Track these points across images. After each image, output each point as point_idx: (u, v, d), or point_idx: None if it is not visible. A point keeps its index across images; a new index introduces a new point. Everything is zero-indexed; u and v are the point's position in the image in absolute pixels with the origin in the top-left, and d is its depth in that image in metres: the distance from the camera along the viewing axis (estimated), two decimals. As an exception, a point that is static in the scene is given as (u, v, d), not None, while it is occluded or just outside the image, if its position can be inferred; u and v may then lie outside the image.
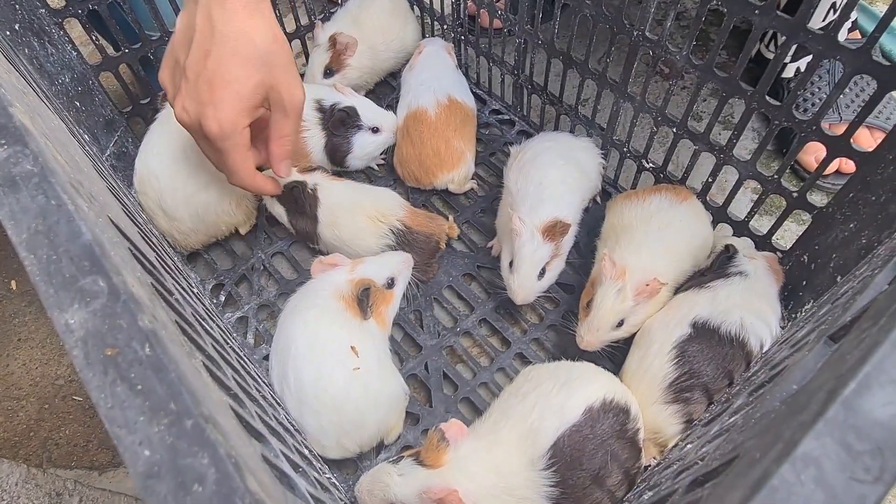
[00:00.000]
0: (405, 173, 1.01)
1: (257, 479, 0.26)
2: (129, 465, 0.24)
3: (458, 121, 1.00)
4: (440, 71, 1.05)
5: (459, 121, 1.00)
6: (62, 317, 0.28)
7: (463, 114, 1.01)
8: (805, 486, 0.23)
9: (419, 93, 1.01)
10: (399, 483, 0.59)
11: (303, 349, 0.68)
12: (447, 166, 0.98)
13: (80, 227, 0.31)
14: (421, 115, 0.99)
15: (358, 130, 1.00)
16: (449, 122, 0.99)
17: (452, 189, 1.00)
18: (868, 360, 0.25)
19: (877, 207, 0.65)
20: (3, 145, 0.34)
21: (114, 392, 0.26)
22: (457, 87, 1.04)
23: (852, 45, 0.61)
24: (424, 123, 0.98)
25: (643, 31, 0.79)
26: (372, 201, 0.89)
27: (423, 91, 1.01)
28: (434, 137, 0.97)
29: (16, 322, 0.98)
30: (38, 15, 0.83)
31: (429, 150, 0.97)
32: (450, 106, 1.00)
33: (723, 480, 0.29)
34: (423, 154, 0.98)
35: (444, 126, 0.98)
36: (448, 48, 1.10)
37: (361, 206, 0.88)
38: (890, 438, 0.24)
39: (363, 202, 0.89)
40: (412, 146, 0.99)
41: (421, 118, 0.98)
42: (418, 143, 0.98)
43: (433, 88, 1.01)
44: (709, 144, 0.81)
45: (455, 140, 0.98)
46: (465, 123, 1.01)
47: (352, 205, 0.89)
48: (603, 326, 0.74)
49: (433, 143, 0.97)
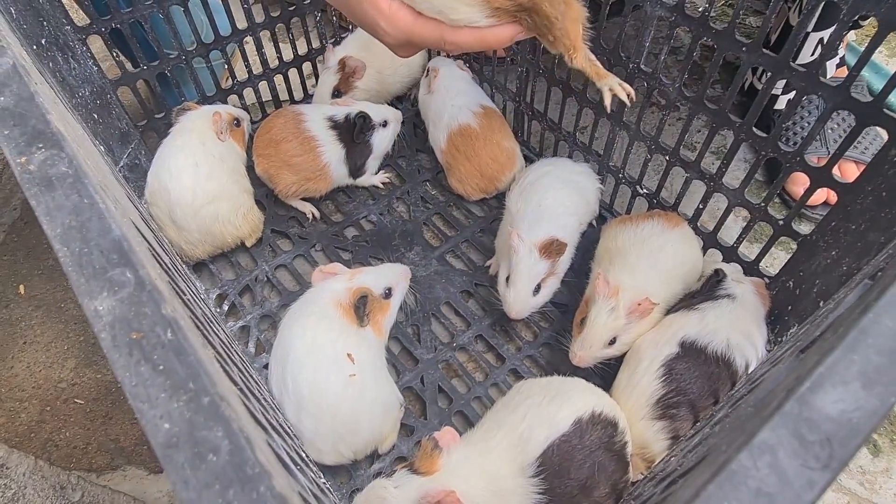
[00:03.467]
0: (469, 189, 1.06)
1: (265, 455, 0.29)
2: (151, 437, 0.27)
3: (498, 123, 1.06)
4: (463, 86, 1.10)
5: (498, 123, 1.06)
6: (92, 304, 0.31)
7: (497, 116, 1.08)
8: (760, 471, 0.25)
9: (455, 112, 1.06)
10: (396, 495, 0.60)
11: (301, 354, 0.71)
12: (508, 167, 1.05)
13: (111, 223, 0.34)
14: (466, 130, 1.04)
15: (373, 131, 1.05)
16: (492, 127, 1.05)
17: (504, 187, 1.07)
18: (822, 363, 0.28)
19: (857, 236, 0.68)
20: (41, 148, 0.37)
21: (138, 371, 0.29)
22: (480, 94, 1.10)
23: (833, 83, 0.65)
24: (473, 137, 1.03)
25: (638, 63, 0.83)
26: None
27: (459, 109, 1.06)
28: (487, 146, 1.03)
29: (22, 325, 1.00)
30: (63, 31, 0.87)
31: (487, 160, 1.03)
32: (485, 113, 1.05)
33: (693, 473, 0.31)
34: (483, 164, 1.03)
35: (491, 133, 1.04)
36: (459, 64, 1.14)
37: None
38: (839, 431, 0.26)
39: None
40: (469, 161, 1.04)
41: (467, 133, 1.04)
42: (474, 157, 1.03)
43: (466, 104, 1.06)
44: (700, 172, 0.85)
45: (504, 141, 1.05)
46: (502, 123, 1.07)
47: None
48: (596, 343, 0.77)
49: (488, 152, 1.03)
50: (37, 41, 0.82)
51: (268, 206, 1.07)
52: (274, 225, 1.05)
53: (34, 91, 0.41)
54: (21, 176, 0.36)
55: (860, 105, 0.64)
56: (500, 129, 1.06)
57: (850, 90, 0.64)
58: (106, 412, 0.90)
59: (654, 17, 0.77)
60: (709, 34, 0.73)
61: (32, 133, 0.38)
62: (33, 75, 0.49)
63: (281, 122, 1.01)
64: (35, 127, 0.39)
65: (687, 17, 0.75)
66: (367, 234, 1.04)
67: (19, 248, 1.10)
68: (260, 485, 0.25)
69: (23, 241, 1.11)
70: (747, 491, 0.25)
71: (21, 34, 0.75)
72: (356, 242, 1.03)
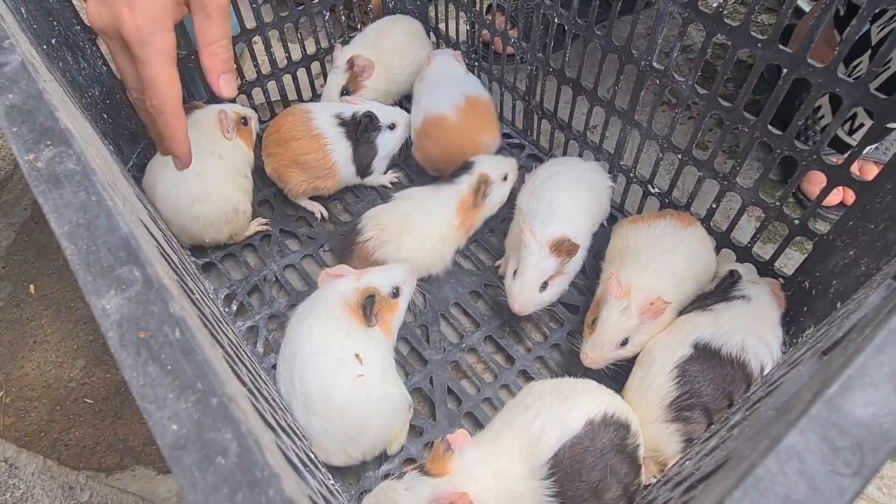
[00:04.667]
0: (428, 165, 1.06)
1: (274, 457, 0.28)
2: (158, 438, 0.26)
3: (479, 116, 1.04)
4: (452, 75, 1.09)
5: (481, 115, 1.05)
6: (99, 302, 0.30)
7: (483, 107, 1.06)
8: (788, 477, 0.24)
9: (436, 98, 1.05)
10: (407, 496, 0.59)
11: (308, 354, 0.70)
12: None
13: (119, 221, 0.33)
14: (440, 120, 1.03)
15: (379, 132, 1.04)
16: (472, 120, 1.03)
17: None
18: (851, 364, 0.27)
19: (875, 235, 0.66)
20: (49, 146, 0.37)
21: (145, 371, 0.28)
22: (469, 85, 1.08)
23: (850, 78, 0.64)
24: (446, 129, 1.02)
25: (650, 60, 0.82)
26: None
27: (440, 97, 1.04)
28: (460, 139, 1.02)
29: (32, 325, 1.00)
30: (73, 31, 0.87)
31: (455, 151, 1.02)
32: (467, 106, 1.03)
33: (714, 478, 0.31)
34: (452, 154, 1.02)
35: (469, 127, 1.03)
36: (457, 56, 1.13)
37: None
38: (870, 436, 0.25)
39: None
40: (437, 147, 1.03)
41: (440, 123, 1.03)
42: (444, 145, 1.03)
43: (449, 94, 1.04)
44: (713, 171, 0.84)
45: (481, 136, 1.04)
46: (486, 117, 1.06)
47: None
48: (607, 344, 0.76)
49: (459, 145, 1.02)
50: (47, 41, 0.82)
51: (276, 206, 1.07)
52: (283, 225, 1.04)
53: (42, 88, 0.41)
54: (29, 173, 0.36)
55: (879, 101, 0.63)
56: (482, 123, 1.04)
57: (868, 86, 0.63)
58: (115, 412, 0.90)
59: (666, 12, 0.76)
60: (723, 30, 0.72)
61: (41, 130, 0.38)
62: (42, 73, 0.49)
63: (289, 121, 1.01)
64: (43, 124, 0.39)
65: (701, 12, 0.74)
66: (376, 234, 1.03)
67: (30, 248, 1.10)
68: (269, 488, 0.25)
69: (33, 240, 1.11)
70: (774, 498, 0.24)
71: (31, 34, 0.75)
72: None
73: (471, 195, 0.95)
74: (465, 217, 0.95)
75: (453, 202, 0.94)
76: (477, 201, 0.95)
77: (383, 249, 0.88)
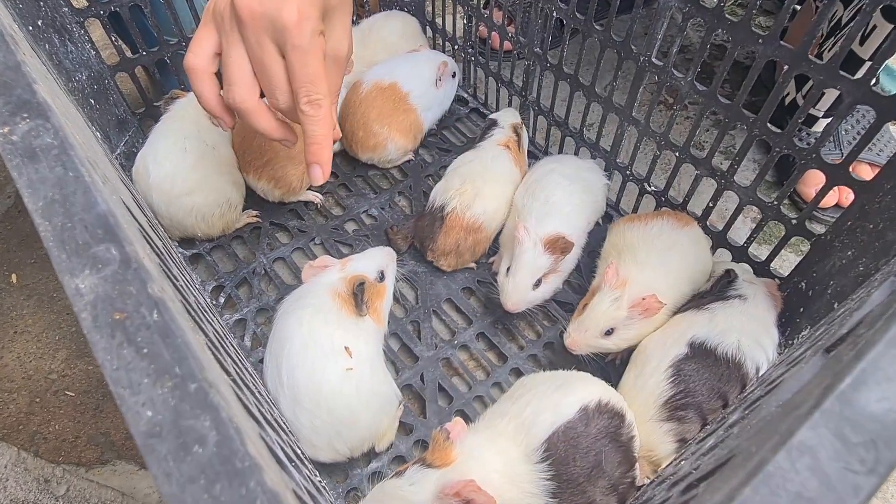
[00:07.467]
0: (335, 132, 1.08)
1: (257, 448, 0.26)
2: (132, 425, 0.24)
3: (389, 108, 1.02)
4: (410, 68, 1.05)
5: (390, 106, 1.02)
6: (73, 281, 0.29)
7: (398, 102, 1.03)
8: (800, 474, 0.23)
9: (373, 70, 1.05)
10: (413, 492, 0.57)
11: (297, 347, 0.68)
12: (365, 148, 1.04)
13: (96, 197, 0.32)
14: (356, 87, 1.03)
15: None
16: (375, 104, 1.02)
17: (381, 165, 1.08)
18: (864, 358, 0.26)
19: (874, 235, 0.65)
20: (25, 118, 0.35)
21: (119, 354, 0.26)
22: (414, 82, 1.04)
23: (852, 76, 0.63)
24: (354, 103, 1.02)
25: (649, 56, 0.81)
26: None
27: (378, 70, 1.05)
28: (358, 117, 1.02)
29: (13, 315, 0.97)
30: (60, 13, 0.85)
31: (353, 127, 1.03)
32: (386, 90, 1.02)
33: (718, 476, 0.29)
34: (349, 130, 1.03)
35: (368, 107, 1.02)
36: (442, 66, 1.06)
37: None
38: (884, 432, 0.24)
39: None
40: (343, 118, 1.04)
41: (355, 89, 1.03)
42: (348, 117, 1.03)
43: (387, 72, 1.03)
44: (710, 169, 0.83)
45: (375, 125, 1.02)
46: (396, 110, 1.03)
47: None
48: (592, 328, 0.75)
49: (354, 123, 1.02)
50: (33, 22, 0.79)
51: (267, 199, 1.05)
52: (273, 217, 1.02)
53: (21, 60, 0.39)
54: (3, 146, 0.34)
55: (881, 99, 0.62)
56: (386, 113, 1.02)
57: (870, 84, 0.62)
58: (96, 405, 0.87)
59: (667, 7, 0.75)
60: (724, 25, 0.71)
61: (17, 103, 0.36)
62: (23, 47, 0.47)
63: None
64: (20, 97, 0.37)
65: (702, 8, 0.73)
66: (368, 229, 1.02)
67: (12, 237, 1.07)
68: (250, 479, 0.23)
69: (16, 229, 1.08)
70: (786, 495, 0.22)
71: (16, 13, 0.73)
72: (357, 236, 1.00)
73: (511, 139, 0.99)
74: (517, 156, 0.98)
75: (501, 147, 0.97)
76: (521, 144, 1.00)
77: (472, 209, 0.90)
